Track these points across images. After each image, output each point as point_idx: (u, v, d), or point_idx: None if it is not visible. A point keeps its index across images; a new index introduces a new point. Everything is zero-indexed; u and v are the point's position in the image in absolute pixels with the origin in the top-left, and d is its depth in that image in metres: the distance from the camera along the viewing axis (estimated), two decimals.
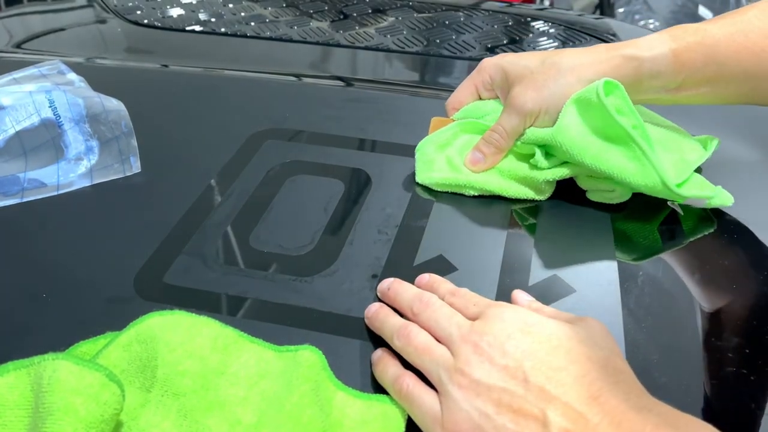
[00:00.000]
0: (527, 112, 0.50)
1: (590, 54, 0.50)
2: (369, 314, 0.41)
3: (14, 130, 0.53)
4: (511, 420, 0.31)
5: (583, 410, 0.30)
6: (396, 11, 0.95)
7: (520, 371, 0.32)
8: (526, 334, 0.34)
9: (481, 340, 0.34)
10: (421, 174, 0.54)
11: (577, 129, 0.49)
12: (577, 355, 0.33)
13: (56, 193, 0.53)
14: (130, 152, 0.56)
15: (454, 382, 0.34)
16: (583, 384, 0.32)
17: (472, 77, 0.56)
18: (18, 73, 0.63)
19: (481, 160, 0.52)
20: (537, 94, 0.50)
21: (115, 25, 0.91)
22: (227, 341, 0.38)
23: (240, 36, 0.86)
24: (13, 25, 0.95)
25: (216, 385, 0.36)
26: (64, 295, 0.44)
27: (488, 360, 0.33)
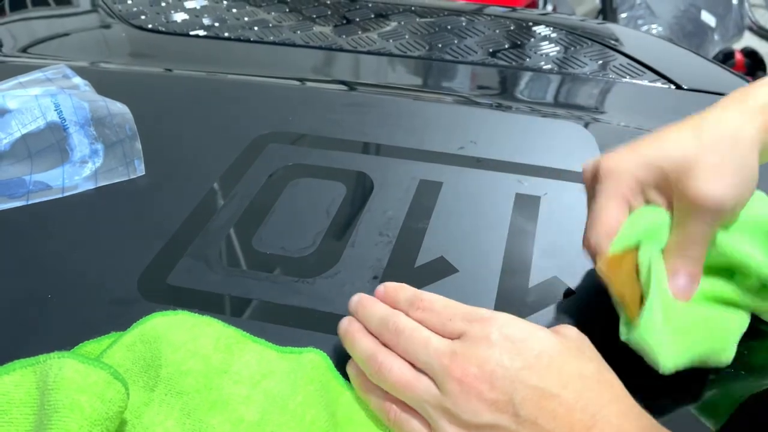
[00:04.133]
0: (724, 206, 0.37)
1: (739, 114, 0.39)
2: (340, 331, 0.38)
3: (20, 133, 0.54)
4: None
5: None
6: (398, 16, 0.95)
7: (511, 405, 0.31)
8: (515, 355, 0.32)
9: (467, 373, 0.32)
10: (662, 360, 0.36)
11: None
12: (569, 376, 0.32)
13: (61, 195, 0.53)
14: (135, 155, 0.57)
15: (443, 419, 0.32)
16: (576, 412, 0.30)
17: (613, 188, 0.40)
18: (23, 77, 0.64)
19: (686, 286, 0.39)
20: (726, 181, 0.37)
21: (120, 30, 0.91)
22: (230, 341, 0.38)
23: (243, 41, 0.86)
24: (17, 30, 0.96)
25: (219, 384, 0.36)
26: (69, 296, 0.44)
27: (476, 396, 0.32)
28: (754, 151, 0.38)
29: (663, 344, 0.36)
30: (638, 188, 0.40)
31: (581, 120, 0.66)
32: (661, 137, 0.40)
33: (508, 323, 0.34)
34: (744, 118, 0.39)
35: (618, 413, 0.31)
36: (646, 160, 0.40)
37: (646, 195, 0.40)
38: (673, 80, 0.75)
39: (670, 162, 0.39)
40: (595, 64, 0.79)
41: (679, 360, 0.37)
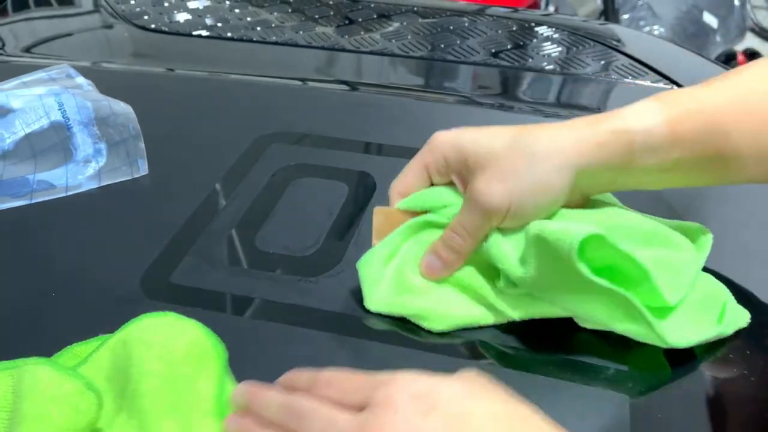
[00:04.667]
0: (493, 209, 0.40)
1: (570, 132, 0.40)
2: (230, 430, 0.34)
3: (24, 132, 0.54)
4: None
5: None
6: (401, 16, 0.95)
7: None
8: (425, 414, 0.29)
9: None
10: (369, 299, 0.43)
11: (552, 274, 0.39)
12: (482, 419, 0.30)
13: (65, 194, 0.53)
14: (138, 155, 0.57)
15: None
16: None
17: (422, 156, 0.44)
18: (27, 76, 0.64)
19: (438, 268, 0.43)
20: (505, 186, 0.40)
21: (123, 30, 0.92)
22: (201, 352, 0.37)
23: (246, 41, 0.87)
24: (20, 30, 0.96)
25: (181, 391, 0.35)
26: (73, 294, 0.44)
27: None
28: (561, 173, 0.40)
29: (376, 285, 0.42)
30: (443, 167, 0.43)
31: None
32: (488, 131, 0.42)
33: (409, 382, 0.31)
34: (575, 141, 0.40)
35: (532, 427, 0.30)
36: (460, 147, 0.42)
37: (450, 176, 0.44)
38: (675, 81, 0.75)
39: (475, 155, 0.41)
40: (598, 65, 0.79)
41: (383, 307, 0.42)
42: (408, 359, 0.40)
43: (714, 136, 0.40)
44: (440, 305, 0.42)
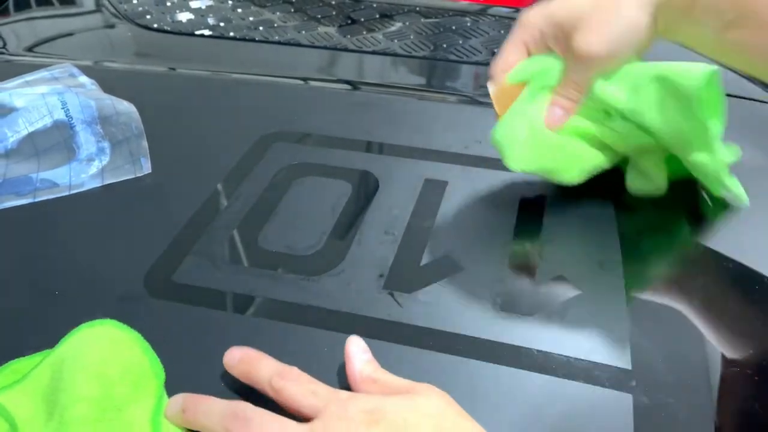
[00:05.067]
0: (593, 57, 0.46)
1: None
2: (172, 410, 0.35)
3: (27, 131, 0.54)
4: None
5: None
6: (403, 16, 0.95)
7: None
8: (372, 425, 0.31)
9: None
10: (510, 159, 0.49)
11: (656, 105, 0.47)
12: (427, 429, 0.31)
13: (68, 193, 0.53)
14: (141, 153, 0.57)
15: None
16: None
17: (519, 35, 0.50)
18: (30, 75, 0.65)
19: (559, 116, 0.49)
20: (599, 36, 0.45)
21: (125, 30, 0.92)
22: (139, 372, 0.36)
23: (248, 40, 0.87)
24: (23, 29, 0.97)
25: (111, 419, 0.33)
26: (76, 293, 0.44)
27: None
28: (644, 10, 0.45)
29: (516, 147, 0.49)
30: (540, 38, 0.49)
31: None
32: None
33: (362, 398, 0.33)
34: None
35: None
36: (550, 15, 0.48)
37: (548, 44, 0.49)
38: None
39: (567, 18, 0.47)
40: None
41: (524, 164, 0.49)
42: (408, 358, 0.40)
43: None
44: (570, 156, 0.50)
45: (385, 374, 0.36)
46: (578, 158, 0.51)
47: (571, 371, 0.39)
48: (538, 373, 0.39)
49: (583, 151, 0.50)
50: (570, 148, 0.50)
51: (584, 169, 0.51)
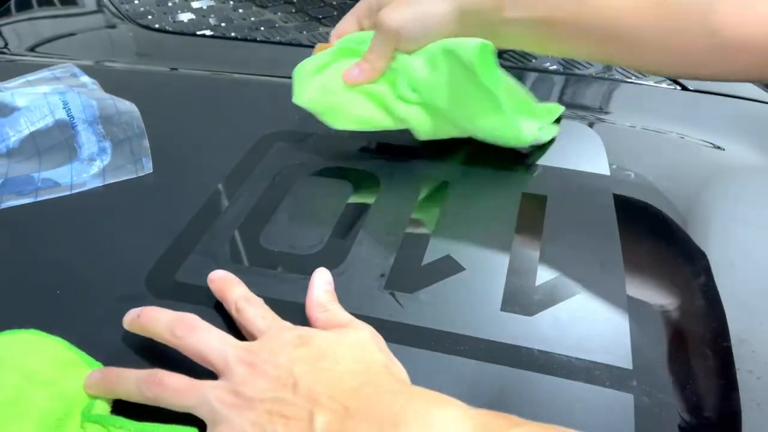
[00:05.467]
0: (388, 28, 0.52)
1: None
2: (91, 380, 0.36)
3: (29, 130, 0.54)
4: (282, 425, 0.31)
5: (345, 401, 0.32)
6: None
7: (291, 378, 0.33)
8: (299, 346, 0.35)
9: (257, 358, 0.34)
10: (297, 94, 0.56)
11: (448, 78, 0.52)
12: (344, 357, 0.35)
13: (69, 192, 0.53)
14: (142, 153, 0.57)
15: (226, 405, 0.33)
16: (347, 380, 0.33)
17: (354, 9, 0.58)
18: (31, 75, 0.65)
19: (355, 74, 0.54)
20: (398, 11, 0.52)
21: (127, 30, 0.92)
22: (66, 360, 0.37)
23: (250, 40, 0.87)
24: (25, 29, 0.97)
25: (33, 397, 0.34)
26: (78, 293, 0.44)
27: (262, 375, 0.33)
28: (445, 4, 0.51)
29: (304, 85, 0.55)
30: (368, 11, 0.56)
31: (587, 120, 0.67)
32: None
33: (300, 328, 0.37)
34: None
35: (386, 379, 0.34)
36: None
37: (374, 17, 0.55)
38: (678, 81, 0.75)
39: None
40: (601, 65, 0.79)
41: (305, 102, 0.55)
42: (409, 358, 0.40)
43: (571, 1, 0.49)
44: (347, 105, 0.54)
45: (337, 307, 0.40)
46: (350, 109, 0.55)
47: (572, 371, 0.39)
48: (538, 373, 0.39)
49: (360, 106, 0.55)
50: (348, 98, 0.55)
51: (351, 119, 0.55)
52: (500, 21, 0.52)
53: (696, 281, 0.47)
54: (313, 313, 0.40)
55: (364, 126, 0.55)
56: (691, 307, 0.45)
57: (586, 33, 0.50)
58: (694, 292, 0.46)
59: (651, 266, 0.48)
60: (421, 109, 0.54)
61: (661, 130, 0.64)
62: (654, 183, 0.56)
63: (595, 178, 0.57)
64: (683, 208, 0.54)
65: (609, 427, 0.37)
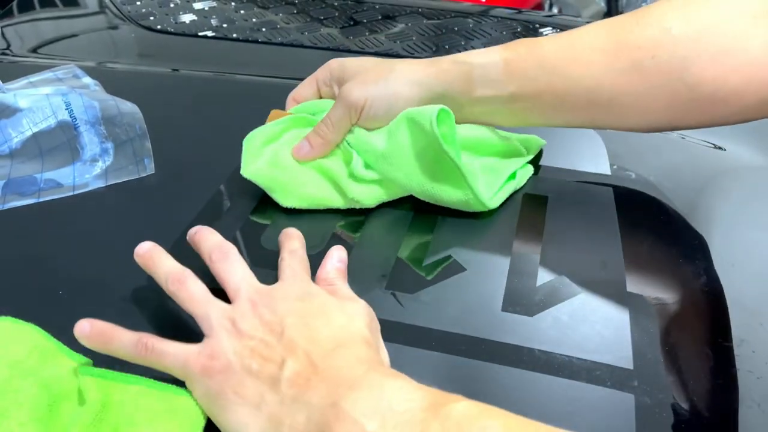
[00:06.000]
0: (351, 103, 0.50)
1: (423, 62, 0.52)
2: (140, 252, 0.42)
3: (31, 131, 0.54)
4: (258, 363, 0.35)
5: (317, 361, 0.34)
6: (406, 18, 0.96)
7: (280, 327, 0.36)
8: (300, 300, 0.38)
9: (261, 300, 0.38)
10: (245, 167, 0.52)
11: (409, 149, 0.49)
12: (334, 322, 0.37)
13: (72, 193, 0.54)
14: (144, 154, 0.57)
15: (222, 326, 0.37)
16: (328, 343, 0.35)
17: (316, 73, 0.57)
18: (34, 76, 0.65)
19: (306, 150, 0.52)
20: (364, 88, 0.51)
21: (129, 31, 0.92)
22: (44, 348, 0.37)
23: (251, 41, 0.87)
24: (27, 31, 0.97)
25: (22, 386, 0.35)
26: (80, 293, 0.44)
27: (259, 317, 0.37)
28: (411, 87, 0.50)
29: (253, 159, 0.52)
30: (329, 78, 0.56)
31: None
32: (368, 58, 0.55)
33: (314, 286, 0.41)
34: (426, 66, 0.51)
35: (359, 348, 0.36)
36: (343, 64, 0.55)
37: (333, 87, 0.55)
38: None
39: (351, 68, 0.54)
40: None
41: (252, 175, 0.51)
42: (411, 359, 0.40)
43: (543, 75, 0.48)
44: (297, 182, 0.51)
45: (342, 284, 0.42)
46: (301, 188, 0.52)
47: (573, 371, 0.39)
48: (540, 373, 0.39)
49: (311, 184, 0.52)
50: (299, 176, 0.52)
51: (303, 199, 0.52)
52: (470, 101, 0.51)
53: (696, 282, 0.47)
54: (319, 286, 0.42)
55: (313, 205, 0.52)
56: (691, 308, 0.45)
57: (561, 104, 0.49)
58: (694, 293, 0.46)
59: (652, 267, 0.48)
60: (375, 186, 0.51)
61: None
62: (655, 183, 0.56)
63: (596, 178, 0.57)
64: (684, 209, 0.54)
65: (610, 427, 0.37)
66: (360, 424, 0.30)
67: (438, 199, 0.50)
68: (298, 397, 0.33)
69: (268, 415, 0.33)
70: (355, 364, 0.34)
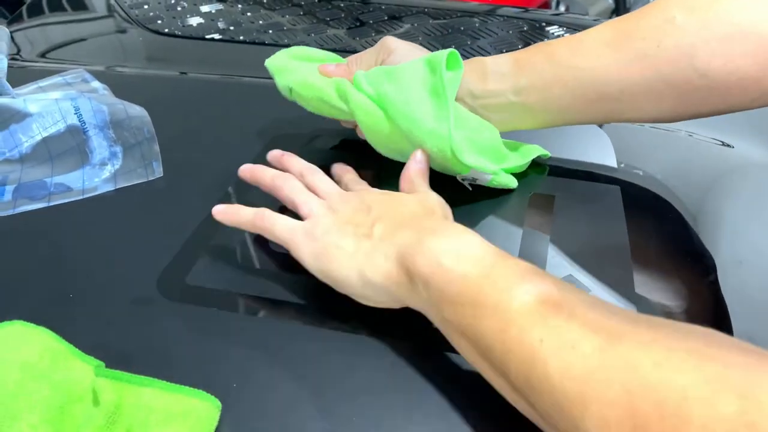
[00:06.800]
0: (385, 45, 0.55)
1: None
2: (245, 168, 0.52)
3: (41, 136, 0.55)
4: (352, 227, 0.43)
5: (400, 221, 0.43)
6: (412, 18, 0.96)
7: (367, 207, 0.45)
8: (382, 194, 0.47)
9: (349, 195, 0.47)
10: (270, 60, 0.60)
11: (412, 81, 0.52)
12: (411, 209, 0.45)
13: (81, 197, 0.54)
14: (153, 157, 0.57)
15: (321, 208, 0.45)
16: (407, 214, 0.44)
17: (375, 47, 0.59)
18: (43, 81, 0.65)
19: (331, 69, 0.57)
20: (400, 43, 0.56)
21: (137, 34, 0.93)
22: (55, 351, 0.38)
23: (258, 44, 0.87)
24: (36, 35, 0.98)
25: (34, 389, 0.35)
26: (90, 296, 0.45)
27: (350, 204, 0.45)
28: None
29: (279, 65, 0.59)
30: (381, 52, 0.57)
31: None
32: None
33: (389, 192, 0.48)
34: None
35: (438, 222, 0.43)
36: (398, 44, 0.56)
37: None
38: None
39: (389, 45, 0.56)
40: None
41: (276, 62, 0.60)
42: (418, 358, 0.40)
43: (551, 67, 0.50)
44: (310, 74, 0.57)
45: (422, 183, 0.49)
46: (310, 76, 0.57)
47: None
48: None
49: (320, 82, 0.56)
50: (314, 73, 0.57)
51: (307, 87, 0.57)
52: (484, 93, 0.52)
53: (704, 279, 0.47)
54: (402, 185, 0.49)
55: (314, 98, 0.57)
56: (698, 305, 0.45)
57: (572, 96, 0.50)
58: (702, 290, 0.46)
59: (659, 264, 0.48)
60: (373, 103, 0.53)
61: (670, 128, 0.64)
62: (662, 181, 0.56)
63: (604, 176, 0.57)
64: (692, 206, 0.53)
65: None
66: (436, 258, 0.37)
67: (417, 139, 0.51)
68: (387, 239, 0.41)
69: (364, 254, 0.41)
70: (431, 221, 0.43)
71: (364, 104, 0.53)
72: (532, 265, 0.36)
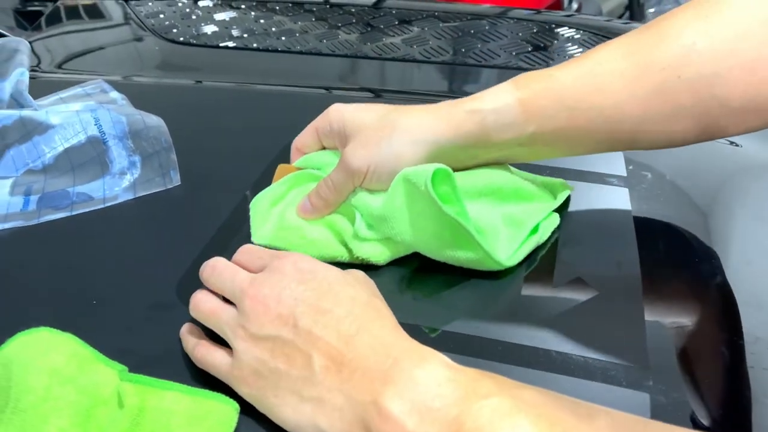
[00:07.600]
0: (354, 170, 0.48)
1: (431, 113, 0.48)
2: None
3: (63, 147, 0.57)
4: (283, 362, 0.36)
5: (341, 348, 0.35)
6: (422, 22, 0.97)
7: (291, 318, 0.37)
8: (301, 282, 0.38)
9: (259, 292, 0.38)
10: (254, 233, 0.51)
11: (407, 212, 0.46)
12: (342, 298, 0.38)
13: (102, 206, 0.56)
14: (170, 166, 0.59)
15: (237, 336, 0.38)
16: (344, 324, 0.36)
17: (316, 120, 0.54)
18: (63, 92, 0.67)
19: (308, 210, 0.51)
20: (366, 152, 0.48)
21: (152, 44, 0.94)
22: (82, 358, 0.39)
23: (272, 51, 0.89)
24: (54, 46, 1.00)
25: (59, 394, 0.37)
26: (112, 302, 0.46)
27: (264, 311, 0.37)
28: (416, 147, 0.47)
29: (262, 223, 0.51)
30: (329, 132, 0.52)
31: None
32: (368, 107, 0.50)
33: (301, 259, 0.40)
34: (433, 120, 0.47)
35: (379, 327, 0.37)
36: (342, 117, 0.50)
37: (334, 140, 0.52)
38: None
39: (351, 124, 0.50)
40: None
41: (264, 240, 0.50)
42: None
43: (563, 111, 0.45)
44: (306, 243, 0.49)
45: None
46: (311, 247, 0.49)
47: (589, 371, 0.40)
48: (556, 374, 0.40)
49: (319, 243, 0.49)
50: (310, 236, 0.50)
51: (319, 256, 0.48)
52: (486, 149, 0.48)
53: (712, 280, 0.47)
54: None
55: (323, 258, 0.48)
56: (707, 306, 0.45)
57: (584, 136, 0.46)
58: (710, 291, 0.47)
59: (667, 266, 0.49)
60: (380, 245, 0.48)
61: None
62: (670, 181, 0.57)
63: (612, 178, 0.57)
64: (700, 207, 0.54)
65: None
66: (401, 423, 0.32)
67: (447, 258, 0.47)
68: (335, 387, 0.35)
69: (311, 407, 0.35)
70: (382, 351, 0.35)
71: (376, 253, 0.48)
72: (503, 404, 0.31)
